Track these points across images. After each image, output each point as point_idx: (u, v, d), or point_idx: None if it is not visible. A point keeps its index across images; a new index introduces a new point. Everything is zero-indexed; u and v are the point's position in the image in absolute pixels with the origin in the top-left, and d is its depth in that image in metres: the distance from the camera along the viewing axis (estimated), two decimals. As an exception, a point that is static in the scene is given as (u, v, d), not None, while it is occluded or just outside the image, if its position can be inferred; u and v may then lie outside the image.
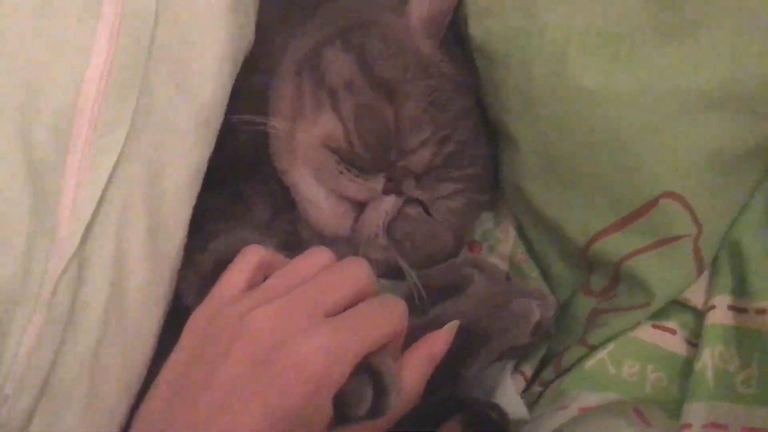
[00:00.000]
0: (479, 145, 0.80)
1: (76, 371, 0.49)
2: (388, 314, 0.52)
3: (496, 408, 0.65)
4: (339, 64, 0.73)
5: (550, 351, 0.73)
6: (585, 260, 0.72)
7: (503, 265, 0.81)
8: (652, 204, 0.65)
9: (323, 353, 0.46)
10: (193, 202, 0.60)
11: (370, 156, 0.72)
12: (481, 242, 0.85)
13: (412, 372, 0.54)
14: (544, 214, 0.73)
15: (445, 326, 0.60)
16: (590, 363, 0.66)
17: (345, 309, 0.50)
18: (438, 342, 0.58)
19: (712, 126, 0.60)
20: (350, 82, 0.73)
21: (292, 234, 0.76)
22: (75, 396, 0.49)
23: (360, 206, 0.74)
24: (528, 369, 0.73)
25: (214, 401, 0.45)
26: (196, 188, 0.61)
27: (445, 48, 0.78)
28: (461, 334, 0.62)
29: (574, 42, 0.63)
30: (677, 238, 0.65)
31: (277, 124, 0.74)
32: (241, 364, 0.46)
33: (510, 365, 0.71)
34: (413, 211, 0.77)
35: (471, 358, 0.64)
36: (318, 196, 0.73)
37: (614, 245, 0.68)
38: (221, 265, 0.57)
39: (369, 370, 0.49)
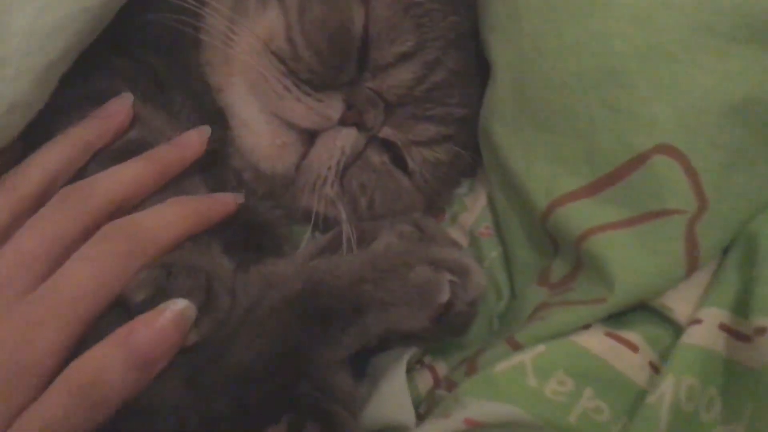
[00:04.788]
0: (473, 82, 0.62)
1: None
2: None
3: (339, 411, 0.45)
4: None
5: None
6: (547, 235, 0.52)
7: (463, 240, 0.62)
8: (638, 161, 0.46)
9: None
10: (54, 56, 0.48)
11: (320, 65, 0.55)
12: (446, 209, 0.66)
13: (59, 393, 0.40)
14: (509, 167, 0.54)
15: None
16: (503, 365, 0.46)
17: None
18: (139, 328, 0.41)
19: (745, 64, 0.44)
20: None
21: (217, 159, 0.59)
22: None
23: (311, 139, 0.57)
24: (442, 367, 0.53)
25: None
26: (60, 42, 0.48)
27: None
28: (323, 299, 0.45)
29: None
30: (666, 213, 0.45)
31: (214, 12, 0.57)
32: None
33: (408, 355, 0.51)
34: (377, 158, 0.60)
35: (331, 336, 0.45)
36: (256, 118, 0.57)
37: (580, 214, 0.49)
38: None
39: None
